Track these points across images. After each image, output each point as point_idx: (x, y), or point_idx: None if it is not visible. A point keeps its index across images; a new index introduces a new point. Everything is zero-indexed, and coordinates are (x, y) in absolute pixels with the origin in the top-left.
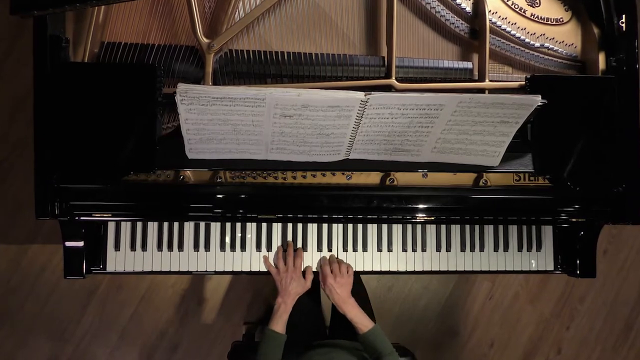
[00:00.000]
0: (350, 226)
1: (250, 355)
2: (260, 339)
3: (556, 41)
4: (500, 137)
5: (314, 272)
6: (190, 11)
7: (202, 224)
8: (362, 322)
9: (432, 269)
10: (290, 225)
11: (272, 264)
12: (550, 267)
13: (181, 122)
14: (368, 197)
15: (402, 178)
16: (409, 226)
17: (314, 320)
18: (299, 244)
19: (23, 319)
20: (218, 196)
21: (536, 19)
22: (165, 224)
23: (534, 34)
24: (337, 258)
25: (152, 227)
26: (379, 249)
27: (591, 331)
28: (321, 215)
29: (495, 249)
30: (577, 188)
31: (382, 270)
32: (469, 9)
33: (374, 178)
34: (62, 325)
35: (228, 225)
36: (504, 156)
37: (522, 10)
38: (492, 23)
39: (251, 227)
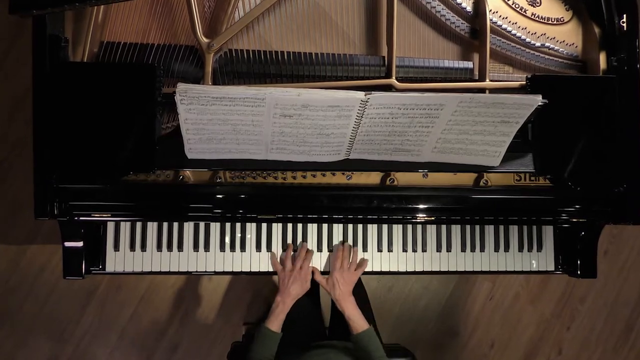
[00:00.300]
0: (350, 226)
1: None
2: (255, 335)
3: (557, 41)
4: (500, 137)
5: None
6: (190, 11)
7: (202, 224)
8: (357, 322)
9: (433, 269)
10: (290, 226)
11: (278, 262)
12: (551, 268)
13: (181, 122)
14: (368, 197)
15: (402, 178)
16: (409, 226)
17: (313, 321)
18: (299, 244)
19: (22, 319)
20: (218, 196)
21: (537, 19)
22: (165, 224)
23: (535, 33)
24: (352, 250)
25: (152, 227)
26: (379, 249)
27: (592, 332)
28: (321, 215)
29: (496, 249)
30: (577, 188)
31: (383, 270)
32: (469, 8)
33: (374, 178)
34: (62, 325)
35: (228, 225)
36: (505, 156)
37: (523, 10)
38: (493, 22)
39: (251, 227)
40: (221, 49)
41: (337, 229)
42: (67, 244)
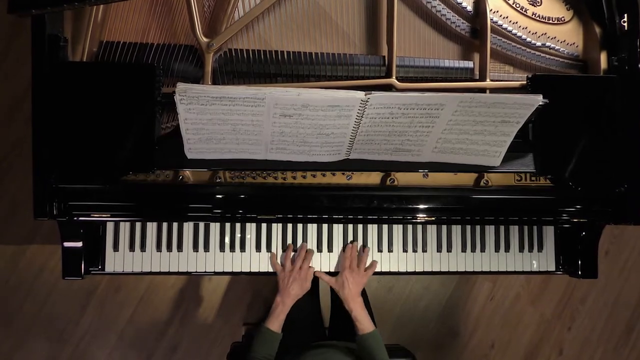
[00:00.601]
0: (350, 226)
1: None
2: (255, 336)
3: (558, 40)
4: (501, 137)
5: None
6: (190, 10)
7: (202, 224)
8: (364, 323)
9: (433, 270)
10: (290, 226)
11: (278, 262)
12: (552, 268)
13: (180, 122)
14: (368, 197)
15: (402, 178)
16: (410, 226)
17: (313, 321)
18: (299, 245)
19: (21, 319)
20: (217, 196)
21: (537, 18)
22: (165, 224)
23: (536, 33)
24: (364, 251)
25: (151, 227)
26: (380, 250)
27: (593, 332)
28: (321, 215)
29: (497, 249)
30: (578, 188)
31: (383, 271)
32: (470, 7)
33: (374, 178)
34: (61, 326)
35: (228, 225)
36: (505, 156)
37: (524, 10)
38: (493, 22)
39: (251, 227)
40: (221, 49)
41: (337, 229)
42: (66, 244)
